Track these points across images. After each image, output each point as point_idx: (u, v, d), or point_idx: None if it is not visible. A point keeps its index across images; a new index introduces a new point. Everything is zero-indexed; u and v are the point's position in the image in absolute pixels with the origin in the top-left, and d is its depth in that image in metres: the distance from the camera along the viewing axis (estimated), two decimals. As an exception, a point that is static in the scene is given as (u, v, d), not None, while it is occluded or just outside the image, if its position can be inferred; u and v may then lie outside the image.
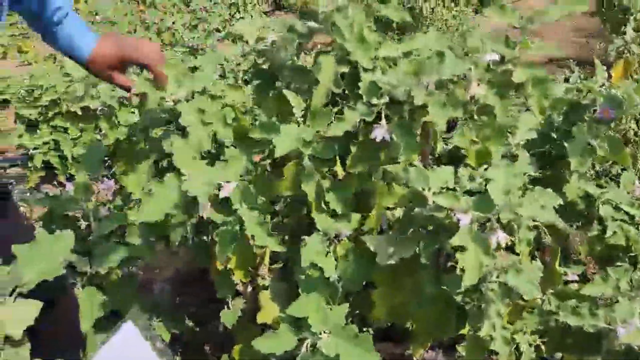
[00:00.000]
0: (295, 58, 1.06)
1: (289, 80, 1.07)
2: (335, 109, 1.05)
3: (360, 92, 0.98)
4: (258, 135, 1.06)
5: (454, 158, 1.24)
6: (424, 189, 0.94)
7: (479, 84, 0.97)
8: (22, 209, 1.47)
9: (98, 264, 1.39)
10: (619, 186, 1.35)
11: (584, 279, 1.34)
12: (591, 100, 1.22)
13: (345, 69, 1.02)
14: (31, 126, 2.50)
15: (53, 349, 0.97)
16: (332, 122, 1.01)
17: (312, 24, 1.01)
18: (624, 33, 2.69)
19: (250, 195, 1.06)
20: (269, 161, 1.18)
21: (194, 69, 1.22)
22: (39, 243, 0.90)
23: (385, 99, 0.97)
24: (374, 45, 1.01)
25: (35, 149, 2.49)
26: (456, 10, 4.50)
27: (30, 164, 2.58)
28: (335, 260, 1.16)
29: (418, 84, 0.95)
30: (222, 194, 1.06)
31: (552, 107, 1.11)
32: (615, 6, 3.24)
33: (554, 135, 1.28)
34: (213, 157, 1.15)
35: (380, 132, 1.01)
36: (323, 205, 1.15)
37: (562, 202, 1.00)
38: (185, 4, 4.37)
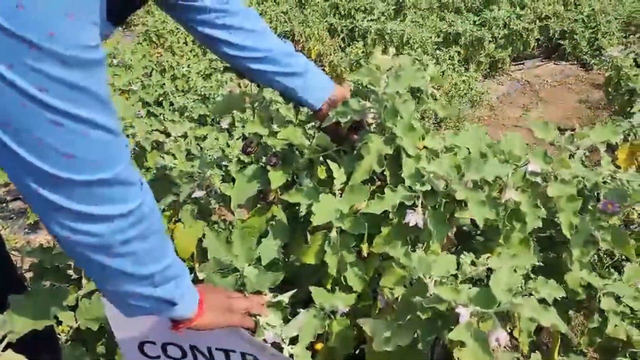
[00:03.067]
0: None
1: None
2: (373, 187, 1.08)
3: (403, 175, 1.01)
4: (293, 200, 1.07)
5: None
6: (425, 276, 0.93)
7: (515, 190, 1.01)
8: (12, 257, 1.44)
9: (84, 318, 1.36)
10: (621, 274, 1.33)
11: None
12: (595, 191, 1.20)
13: (389, 151, 1.06)
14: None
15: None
16: (371, 199, 1.03)
17: (367, 103, 1.06)
18: (631, 115, 2.71)
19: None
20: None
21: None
22: (33, 295, 0.98)
23: (427, 187, 1.00)
24: (420, 134, 1.05)
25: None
26: (466, 75, 4.70)
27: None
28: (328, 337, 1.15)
29: (460, 178, 0.99)
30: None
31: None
32: (622, 87, 3.30)
33: (557, 220, 1.25)
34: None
35: (414, 218, 1.03)
36: (341, 280, 1.15)
37: (564, 294, 1.01)
38: (203, 51, 4.51)
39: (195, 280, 1.18)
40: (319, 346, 1.30)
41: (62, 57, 0.61)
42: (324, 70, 5.38)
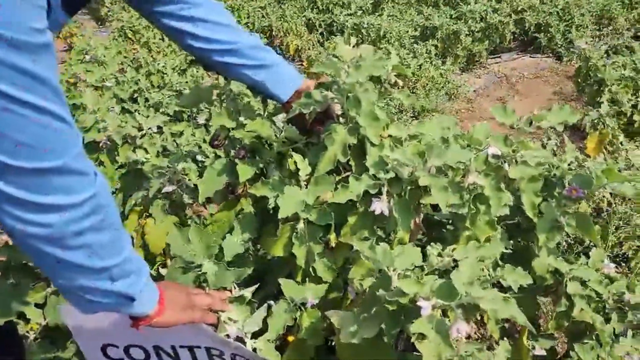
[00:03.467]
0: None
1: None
2: (338, 177, 1.08)
3: (367, 164, 1.01)
4: (260, 193, 1.06)
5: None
6: (388, 269, 0.93)
7: (478, 174, 1.02)
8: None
9: (52, 316, 1.35)
10: (588, 260, 1.36)
11: (554, 353, 1.34)
12: (560, 178, 1.22)
13: (354, 141, 1.06)
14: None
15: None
16: (337, 189, 1.03)
17: (329, 93, 1.06)
18: (600, 104, 2.77)
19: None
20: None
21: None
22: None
23: (391, 175, 1.00)
24: (384, 123, 1.06)
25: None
26: (443, 69, 4.74)
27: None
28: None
29: (423, 165, 0.99)
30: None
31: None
32: (591, 77, 3.38)
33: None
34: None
35: (379, 206, 1.03)
36: (310, 271, 1.15)
37: (531, 281, 1.03)
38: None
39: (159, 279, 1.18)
40: (290, 338, 1.30)
41: (10, 40, 0.60)
42: (301, 65, 5.37)
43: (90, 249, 0.77)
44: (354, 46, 1.07)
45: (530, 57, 5.77)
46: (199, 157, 2.87)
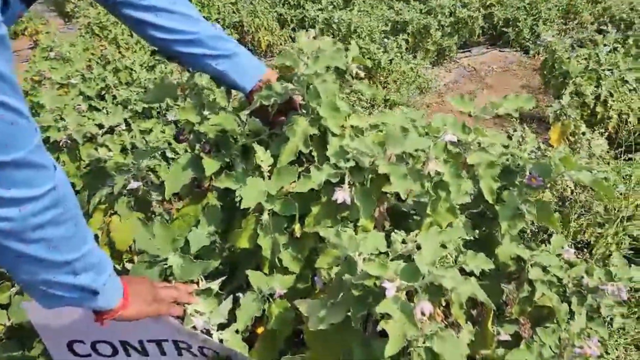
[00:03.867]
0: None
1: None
2: (300, 169, 1.09)
3: (328, 154, 1.03)
4: (224, 185, 1.07)
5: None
6: (354, 254, 0.95)
7: (437, 162, 1.04)
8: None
9: (17, 316, 1.33)
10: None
11: (518, 338, 1.38)
12: (521, 167, 1.25)
13: (315, 132, 1.07)
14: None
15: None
16: (297, 179, 1.04)
17: (289, 85, 1.06)
18: (562, 96, 2.85)
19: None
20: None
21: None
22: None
23: (351, 164, 1.01)
24: (345, 114, 1.07)
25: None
26: (414, 63, 4.79)
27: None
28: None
29: (383, 154, 1.01)
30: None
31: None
32: (556, 70, 3.47)
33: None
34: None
35: (341, 195, 1.04)
36: (277, 262, 1.16)
37: (493, 266, 1.06)
38: (149, 44, 4.38)
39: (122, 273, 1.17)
40: (260, 330, 1.31)
41: None
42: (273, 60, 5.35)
43: (50, 243, 0.76)
44: (314, 38, 1.08)
45: (500, 51, 5.87)
46: (169, 155, 2.85)
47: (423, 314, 0.92)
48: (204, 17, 1.37)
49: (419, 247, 0.99)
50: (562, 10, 6.11)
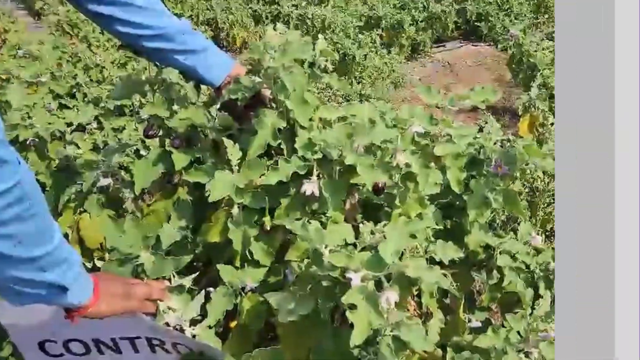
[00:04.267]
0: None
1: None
2: (270, 162, 1.10)
3: (296, 146, 1.03)
4: (193, 179, 1.06)
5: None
6: (321, 246, 0.95)
7: (405, 153, 1.06)
8: None
9: None
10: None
11: (489, 324, 1.41)
12: (487, 156, 1.28)
13: (284, 125, 1.08)
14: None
15: None
16: (266, 172, 1.04)
17: (257, 78, 1.07)
18: (532, 89, 2.92)
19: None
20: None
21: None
22: None
23: (319, 155, 1.02)
24: (313, 106, 1.08)
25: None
26: (388, 58, 4.82)
27: None
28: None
29: (351, 145, 1.02)
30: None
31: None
32: (524, 63, 3.54)
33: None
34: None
35: (310, 187, 1.05)
36: (248, 255, 1.16)
37: (462, 255, 1.08)
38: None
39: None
40: (233, 324, 1.31)
41: None
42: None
43: (15, 239, 0.75)
44: (281, 33, 1.08)
45: (473, 45, 5.95)
46: (143, 153, 2.82)
47: (389, 303, 0.94)
48: (176, 14, 1.36)
49: (386, 238, 1.00)
50: (533, 5, 6.22)
